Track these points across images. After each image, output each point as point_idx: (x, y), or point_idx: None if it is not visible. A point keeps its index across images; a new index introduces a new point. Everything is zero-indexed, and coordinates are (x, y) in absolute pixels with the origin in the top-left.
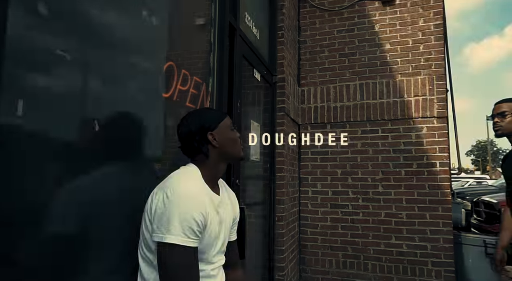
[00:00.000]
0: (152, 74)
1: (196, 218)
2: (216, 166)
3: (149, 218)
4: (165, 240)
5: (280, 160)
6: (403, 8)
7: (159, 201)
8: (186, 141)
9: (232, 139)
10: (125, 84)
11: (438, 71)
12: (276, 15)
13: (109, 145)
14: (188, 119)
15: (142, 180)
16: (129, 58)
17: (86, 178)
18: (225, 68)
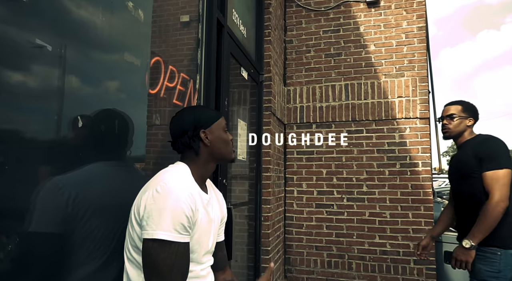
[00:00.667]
0: (138, 69)
1: (187, 212)
2: (205, 165)
3: (138, 216)
4: (155, 236)
5: (267, 160)
6: (388, 10)
7: (149, 197)
8: (178, 136)
9: (224, 140)
10: (109, 79)
11: (421, 73)
12: (262, 14)
13: (93, 142)
14: (183, 114)
15: (126, 178)
16: (114, 52)
17: (69, 175)
18: (212, 65)
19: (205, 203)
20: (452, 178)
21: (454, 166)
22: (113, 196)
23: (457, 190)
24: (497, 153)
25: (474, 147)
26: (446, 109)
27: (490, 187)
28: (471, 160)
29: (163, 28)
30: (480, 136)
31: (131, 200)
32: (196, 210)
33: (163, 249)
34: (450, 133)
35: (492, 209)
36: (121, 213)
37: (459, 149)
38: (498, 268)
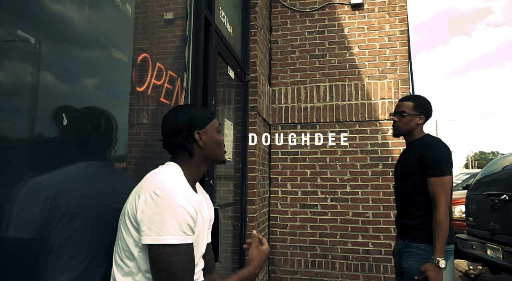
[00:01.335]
0: (125, 66)
1: (191, 213)
2: (197, 167)
3: (134, 221)
4: (163, 241)
5: (252, 160)
6: (371, 13)
7: (148, 201)
8: (171, 136)
9: (218, 142)
10: (94, 76)
11: (403, 75)
12: (249, 13)
13: (76, 142)
14: (177, 113)
15: (111, 179)
16: (100, 48)
17: (48, 176)
18: (200, 64)
19: (198, 204)
20: (395, 175)
21: (399, 164)
22: (96, 198)
23: (398, 188)
24: (442, 159)
25: (420, 149)
26: (398, 105)
27: (436, 194)
28: (415, 162)
29: (151, 24)
30: (428, 137)
31: (116, 202)
32: (198, 210)
33: (175, 253)
34: (399, 131)
35: (443, 217)
36: (105, 216)
37: (407, 147)
38: (424, 261)
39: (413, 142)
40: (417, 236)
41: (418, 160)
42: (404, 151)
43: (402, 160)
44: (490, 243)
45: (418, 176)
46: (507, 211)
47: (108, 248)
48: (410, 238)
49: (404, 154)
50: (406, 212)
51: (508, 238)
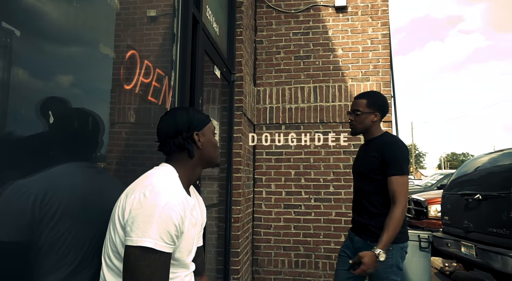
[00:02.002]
0: (114, 63)
1: (176, 221)
2: (193, 169)
3: (121, 221)
4: (139, 244)
5: (237, 160)
6: (354, 16)
7: (135, 201)
8: (170, 136)
9: (214, 144)
10: (80, 73)
11: (385, 78)
12: (234, 12)
13: (62, 142)
14: (176, 114)
15: (99, 179)
16: (87, 43)
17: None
18: (188, 62)
19: (191, 207)
20: (353, 173)
21: (358, 163)
22: (84, 199)
23: (357, 187)
24: (402, 158)
25: (380, 148)
26: (352, 103)
27: (396, 192)
28: (375, 161)
29: (138, 20)
30: (387, 136)
31: (104, 203)
32: (185, 217)
33: (144, 257)
34: (355, 130)
35: (401, 215)
36: (94, 216)
37: (365, 145)
38: (391, 263)
39: (371, 140)
40: (378, 236)
41: (378, 159)
42: (363, 149)
43: (361, 158)
44: (464, 240)
45: (377, 175)
46: (480, 210)
47: (98, 249)
48: (371, 238)
49: (363, 152)
50: (365, 210)
51: (481, 236)
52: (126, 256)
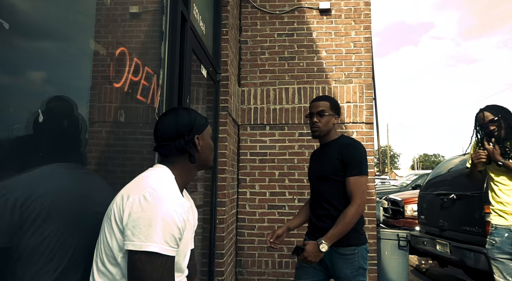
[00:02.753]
0: (103, 59)
1: (179, 223)
2: (191, 171)
3: (119, 223)
4: (144, 249)
5: (222, 161)
6: (338, 19)
7: (135, 204)
8: (171, 139)
9: (212, 148)
10: (66, 69)
11: (367, 80)
12: (220, 12)
13: (45, 142)
14: (177, 116)
15: (85, 181)
16: (76, 38)
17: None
18: (176, 61)
19: (186, 210)
20: (311, 177)
21: (317, 166)
22: (69, 201)
23: (318, 191)
24: (361, 159)
25: (341, 150)
26: (315, 105)
27: (353, 192)
28: (338, 163)
29: (128, 16)
30: (346, 138)
31: (94, 205)
32: (187, 220)
33: (151, 262)
34: (320, 132)
35: (354, 214)
36: (82, 220)
37: (323, 148)
38: (357, 266)
39: (330, 142)
40: (344, 240)
41: (340, 161)
42: (320, 153)
43: (320, 161)
44: (439, 239)
45: (339, 177)
46: (455, 209)
47: (85, 254)
48: (336, 243)
49: (322, 155)
50: (327, 214)
51: (455, 234)
52: (132, 263)
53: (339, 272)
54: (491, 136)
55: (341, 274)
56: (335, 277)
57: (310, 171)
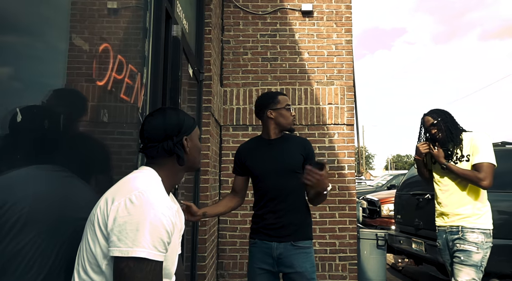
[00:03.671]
0: (85, 55)
1: (167, 227)
2: (178, 173)
3: (103, 228)
4: (131, 254)
5: (205, 162)
6: (320, 21)
7: (120, 208)
8: (159, 140)
9: (200, 149)
10: (46, 65)
11: (348, 82)
12: (203, 10)
13: (23, 143)
14: (165, 116)
15: (67, 184)
16: (55, 33)
17: None
18: (160, 58)
19: (175, 215)
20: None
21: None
22: (51, 206)
23: (276, 184)
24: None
25: (301, 144)
26: (286, 98)
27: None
28: (300, 157)
29: (111, 12)
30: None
31: (75, 210)
32: (175, 224)
33: (139, 268)
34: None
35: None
36: (63, 226)
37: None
38: (313, 260)
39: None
40: (303, 233)
41: (303, 156)
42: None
43: (279, 155)
44: (415, 237)
45: (300, 171)
46: (430, 209)
47: (66, 262)
48: (295, 237)
49: (279, 148)
50: (294, 208)
51: (430, 232)
52: (119, 270)
53: (300, 267)
54: (434, 139)
55: (301, 269)
56: (294, 274)
57: (265, 165)
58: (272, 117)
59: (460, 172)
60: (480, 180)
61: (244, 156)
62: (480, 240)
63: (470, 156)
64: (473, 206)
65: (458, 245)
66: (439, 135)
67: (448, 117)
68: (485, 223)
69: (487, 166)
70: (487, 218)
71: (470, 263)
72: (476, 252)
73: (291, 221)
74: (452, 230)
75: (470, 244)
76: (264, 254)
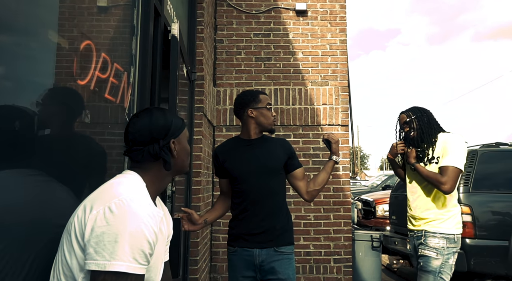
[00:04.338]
0: (65, 53)
1: (149, 238)
2: (165, 178)
3: (80, 239)
4: (109, 268)
5: (197, 164)
6: (314, 21)
7: (99, 217)
8: (144, 143)
9: (188, 152)
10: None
11: (342, 83)
12: (195, 9)
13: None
14: (151, 118)
15: (44, 190)
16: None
17: None
18: (149, 58)
19: (159, 220)
20: (250, 172)
21: (259, 160)
22: (25, 213)
23: (259, 185)
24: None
25: (282, 145)
26: (268, 97)
27: (304, 181)
28: (283, 157)
29: (94, 8)
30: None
31: (52, 218)
32: (159, 233)
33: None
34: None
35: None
36: (36, 235)
37: (252, 143)
38: (294, 266)
39: (261, 138)
40: (286, 237)
41: (286, 155)
42: (258, 146)
43: (261, 155)
44: None
45: (282, 172)
46: None
47: (40, 275)
48: (277, 242)
49: (260, 149)
50: (273, 212)
51: None
52: None
53: (282, 274)
54: (406, 137)
55: (284, 276)
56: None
57: (242, 167)
58: (252, 117)
59: (425, 174)
60: (441, 183)
61: (222, 158)
62: (441, 245)
63: (440, 158)
64: (437, 210)
65: (420, 250)
66: (412, 134)
67: (425, 116)
68: (448, 227)
69: (452, 170)
70: (451, 222)
71: (428, 269)
72: (435, 258)
73: (274, 225)
74: (418, 234)
75: (430, 250)
76: (245, 262)
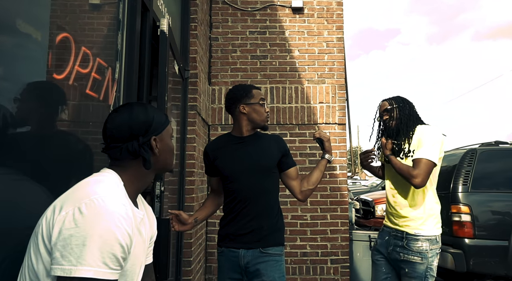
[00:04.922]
0: (37, 46)
1: (122, 240)
2: (145, 176)
3: (47, 242)
4: (75, 274)
5: (191, 163)
6: (311, 18)
7: (67, 219)
8: (123, 140)
9: (172, 150)
10: None
11: (339, 81)
12: (188, 5)
13: None
14: (131, 113)
15: (15, 189)
16: None
17: None
18: (135, 53)
19: (139, 221)
20: (242, 170)
21: (252, 158)
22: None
23: (250, 184)
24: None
25: (276, 142)
26: (260, 92)
27: (298, 180)
28: (277, 154)
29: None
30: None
31: (24, 219)
32: (133, 235)
33: None
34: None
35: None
36: (6, 238)
37: (245, 140)
38: (283, 270)
39: (254, 136)
40: (274, 238)
41: (280, 153)
42: (251, 143)
43: (253, 153)
44: None
45: (276, 170)
46: None
47: None
48: (264, 243)
49: (253, 146)
50: (262, 212)
51: None
52: None
53: (267, 276)
54: (385, 126)
55: (269, 279)
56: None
57: (233, 165)
58: (245, 113)
59: (397, 166)
60: (412, 177)
61: (213, 155)
62: (424, 248)
63: (415, 151)
64: (417, 207)
65: (402, 255)
66: (391, 123)
67: (407, 107)
68: (430, 229)
69: (424, 163)
70: (431, 223)
71: (414, 275)
72: (421, 262)
73: (262, 225)
74: (396, 234)
75: (414, 255)
76: (231, 264)
